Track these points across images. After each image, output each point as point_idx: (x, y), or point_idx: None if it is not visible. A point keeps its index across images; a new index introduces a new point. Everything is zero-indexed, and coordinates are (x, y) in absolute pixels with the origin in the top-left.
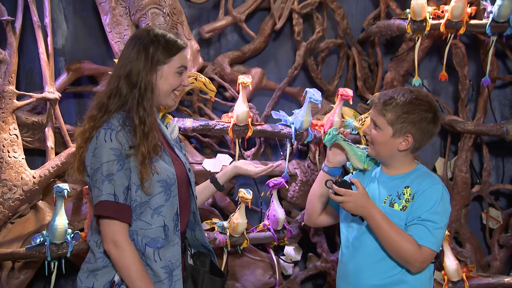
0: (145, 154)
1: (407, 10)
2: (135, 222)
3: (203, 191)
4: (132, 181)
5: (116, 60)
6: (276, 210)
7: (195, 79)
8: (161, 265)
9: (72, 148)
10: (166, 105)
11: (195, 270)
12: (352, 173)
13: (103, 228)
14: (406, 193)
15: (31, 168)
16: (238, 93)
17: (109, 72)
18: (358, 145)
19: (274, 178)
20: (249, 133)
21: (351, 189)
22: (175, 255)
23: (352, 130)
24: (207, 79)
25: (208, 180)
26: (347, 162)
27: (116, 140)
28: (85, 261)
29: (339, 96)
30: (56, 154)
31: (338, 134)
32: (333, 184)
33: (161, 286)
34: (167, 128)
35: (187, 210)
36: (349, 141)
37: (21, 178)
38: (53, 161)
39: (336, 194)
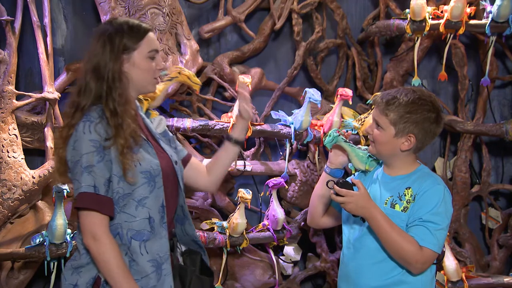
0: (123, 144)
1: (407, 10)
2: (118, 215)
3: (226, 154)
4: (113, 172)
5: None
6: (276, 210)
7: (179, 73)
8: (148, 259)
9: None
10: (148, 92)
11: (182, 269)
12: (354, 174)
13: (82, 221)
14: (407, 194)
15: (30, 168)
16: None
17: None
18: (359, 146)
19: (274, 178)
20: (249, 133)
21: (353, 190)
22: (163, 248)
23: (352, 130)
24: (190, 72)
25: (225, 142)
26: (349, 164)
27: (95, 131)
28: (70, 259)
29: (339, 96)
30: None
31: (339, 135)
32: (335, 185)
33: (148, 281)
34: (152, 122)
35: (174, 203)
36: (350, 142)
37: (21, 178)
38: (53, 161)
39: (337, 195)
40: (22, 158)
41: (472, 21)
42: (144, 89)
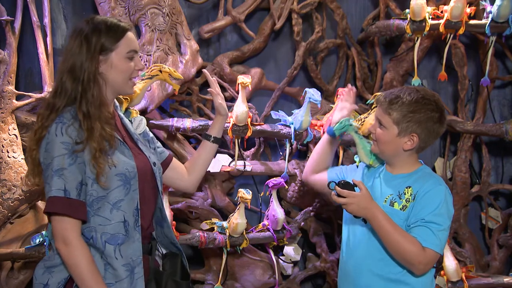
0: (95, 147)
1: (407, 10)
2: (92, 218)
3: (205, 153)
4: (87, 175)
5: None
6: (276, 210)
7: (160, 71)
8: (122, 263)
9: None
10: (125, 94)
11: (158, 273)
12: (357, 166)
13: (53, 225)
14: (407, 193)
15: None
16: (238, 93)
17: None
18: (369, 140)
19: (274, 178)
20: (249, 133)
21: (354, 191)
22: (136, 251)
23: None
24: (171, 68)
25: (203, 141)
26: (355, 155)
27: (67, 134)
28: (43, 259)
29: (339, 96)
30: None
31: (351, 125)
32: (336, 186)
33: (121, 285)
34: (131, 122)
35: (151, 205)
36: (361, 134)
37: (20, 178)
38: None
39: (339, 196)
40: (22, 158)
41: (472, 21)
42: (121, 91)
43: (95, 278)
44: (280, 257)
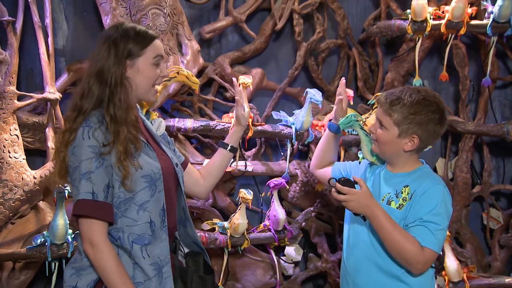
0: (121, 150)
1: (408, 11)
2: (120, 219)
3: (220, 161)
4: (113, 177)
5: None
6: (277, 211)
7: (177, 73)
8: (150, 262)
9: None
10: (148, 101)
11: (183, 270)
12: (359, 163)
13: (81, 228)
14: (405, 191)
15: (31, 169)
16: None
17: None
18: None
19: (275, 179)
20: (250, 134)
21: (355, 188)
22: (164, 251)
23: (352, 130)
24: (189, 72)
25: (220, 149)
26: (358, 152)
27: (93, 137)
28: (70, 261)
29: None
30: None
31: (357, 121)
32: (336, 183)
33: (150, 284)
34: (152, 124)
35: (175, 206)
36: (366, 130)
37: (22, 178)
38: (52, 164)
39: (339, 193)
40: (23, 159)
41: (473, 22)
42: (144, 97)
43: (122, 280)
44: (281, 257)
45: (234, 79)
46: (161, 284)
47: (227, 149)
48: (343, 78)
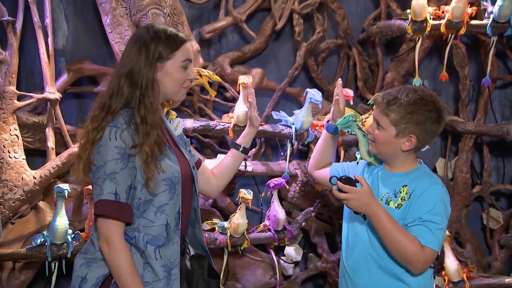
0: (148, 153)
1: (408, 11)
2: (138, 220)
3: (232, 161)
4: (137, 179)
5: None
6: (277, 211)
7: (199, 75)
8: (161, 264)
9: (73, 148)
10: (176, 101)
11: (189, 273)
12: (357, 163)
13: (99, 225)
14: (403, 191)
15: (31, 169)
16: (239, 94)
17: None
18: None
19: (275, 179)
20: None
21: (356, 187)
22: (175, 254)
23: (351, 131)
24: (210, 71)
25: (232, 150)
26: (356, 152)
27: (121, 138)
28: (81, 251)
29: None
30: (57, 154)
31: (355, 121)
32: (338, 181)
33: (158, 285)
34: (171, 123)
35: (189, 208)
36: (364, 131)
37: (22, 178)
38: (54, 162)
39: (340, 191)
40: (23, 159)
41: (473, 22)
42: (173, 98)
43: (134, 280)
44: (281, 257)
45: (249, 82)
46: (168, 286)
47: (239, 150)
48: (339, 78)
